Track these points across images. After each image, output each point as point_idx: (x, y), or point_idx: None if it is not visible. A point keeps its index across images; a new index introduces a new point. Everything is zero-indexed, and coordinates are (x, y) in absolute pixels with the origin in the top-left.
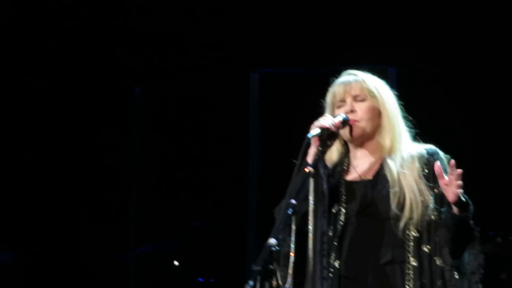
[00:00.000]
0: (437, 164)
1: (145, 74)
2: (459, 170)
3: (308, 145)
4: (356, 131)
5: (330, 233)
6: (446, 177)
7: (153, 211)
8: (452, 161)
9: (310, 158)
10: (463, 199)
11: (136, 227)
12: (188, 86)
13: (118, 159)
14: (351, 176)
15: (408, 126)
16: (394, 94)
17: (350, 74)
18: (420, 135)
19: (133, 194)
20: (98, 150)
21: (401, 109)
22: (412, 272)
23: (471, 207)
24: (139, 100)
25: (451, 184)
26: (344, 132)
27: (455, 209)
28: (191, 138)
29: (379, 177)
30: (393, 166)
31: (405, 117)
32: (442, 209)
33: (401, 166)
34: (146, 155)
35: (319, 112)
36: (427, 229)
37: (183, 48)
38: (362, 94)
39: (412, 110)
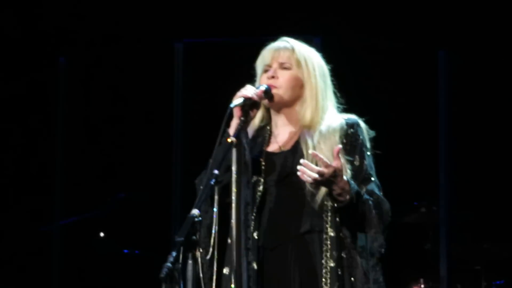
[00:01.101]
0: (338, 147)
1: (70, 45)
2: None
3: (231, 116)
4: (274, 98)
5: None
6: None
7: (78, 182)
8: (335, 149)
9: (232, 129)
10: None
11: (61, 199)
12: (113, 56)
13: (42, 129)
14: (272, 146)
15: (337, 102)
16: (328, 67)
17: (283, 40)
18: (345, 106)
19: (58, 166)
20: (22, 119)
21: (332, 82)
22: (329, 242)
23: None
24: (63, 70)
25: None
26: (264, 101)
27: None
28: (116, 109)
29: (298, 149)
30: (309, 141)
31: (334, 91)
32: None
33: (318, 141)
34: (70, 126)
35: (246, 80)
36: None
37: (108, 19)
38: (289, 62)
39: (337, 80)
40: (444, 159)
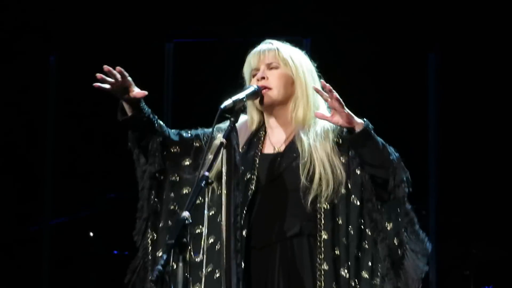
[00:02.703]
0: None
1: (60, 43)
2: (328, 86)
3: (221, 117)
4: (266, 99)
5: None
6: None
7: (68, 182)
8: (323, 82)
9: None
10: (357, 120)
11: (51, 199)
12: (103, 56)
13: (32, 128)
14: (267, 148)
15: None
16: (314, 65)
17: (266, 43)
18: None
19: (48, 165)
20: (11, 119)
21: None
22: (323, 245)
23: (367, 122)
24: (53, 69)
25: (335, 107)
26: (257, 102)
27: (350, 132)
28: (106, 109)
29: (291, 149)
30: (304, 138)
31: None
32: (343, 134)
33: (314, 139)
34: (60, 125)
35: (236, 82)
36: (342, 202)
37: (98, 18)
38: (275, 62)
39: (328, 81)
40: (434, 164)
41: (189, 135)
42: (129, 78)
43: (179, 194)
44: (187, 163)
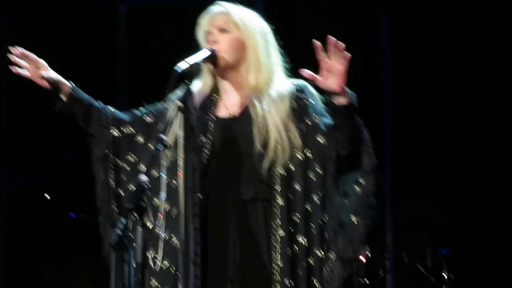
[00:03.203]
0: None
1: (13, 5)
2: (342, 45)
3: (176, 79)
4: (219, 62)
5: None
6: (326, 59)
7: (23, 145)
8: (332, 39)
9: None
10: (346, 90)
11: (6, 162)
12: (57, 18)
13: None
14: (221, 111)
15: (283, 62)
16: (271, 27)
17: (218, 4)
18: (292, 71)
19: (2, 128)
20: None
21: (278, 44)
22: (279, 211)
23: (354, 97)
24: (5, 30)
25: (333, 69)
26: (209, 65)
27: (337, 100)
28: (60, 72)
29: (245, 114)
30: (258, 105)
31: (280, 53)
32: (323, 97)
33: (269, 105)
34: (16, 87)
35: (190, 43)
36: (299, 168)
37: None
38: (226, 25)
39: (284, 44)
40: (388, 125)
41: (140, 112)
42: (42, 63)
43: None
44: (141, 140)
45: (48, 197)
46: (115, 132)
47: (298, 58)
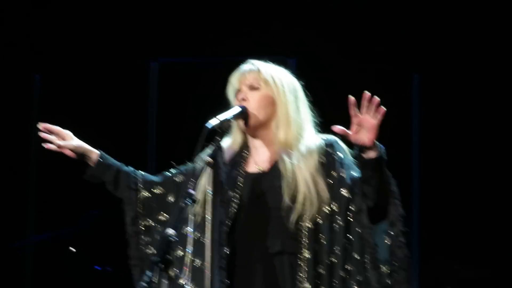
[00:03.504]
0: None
1: (45, 62)
2: (377, 99)
3: (207, 136)
4: (250, 121)
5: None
6: (358, 114)
7: (51, 198)
8: (367, 93)
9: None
10: (376, 143)
11: (33, 215)
12: (88, 75)
13: (15, 146)
14: (250, 167)
15: (313, 117)
16: (300, 84)
17: (248, 63)
18: (323, 126)
19: (31, 181)
20: None
21: (308, 99)
22: (306, 264)
23: (383, 150)
24: (37, 88)
25: (366, 123)
26: (240, 123)
27: (367, 154)
28: (92, 129)
29: (275, 169)
30: (287, 160)
31: (310, 109)
32: (353, 151)
33: (298, 159)
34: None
35: (221, 102)
36: (325, 222)
37: (83, 37)
38: (256, 83)
39: (315, 101)
40: (417, 181)
41: (170, 173)
42: (67, 134)
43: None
44: (172, 199)
45: (74, 250)
46: (145, 193)
47: (329, 113)
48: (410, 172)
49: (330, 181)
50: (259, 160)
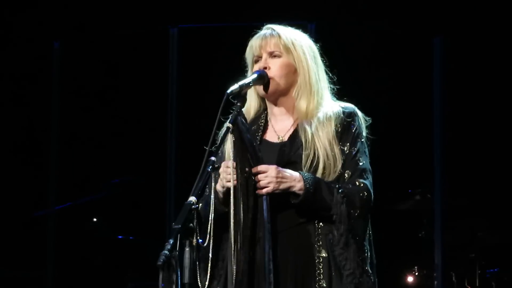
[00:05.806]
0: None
1: (64, 29)
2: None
3: (227, 101)
4: (270, 87)
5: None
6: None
7: (73, 168)
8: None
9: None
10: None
11: (55, 184)
12: (107, 42)
13: (37, 116)
14: (269, 135)
15: (330, 83)
16: (318, 49)
17: (268, 28)
18: (340, 92)
19: (52, 151)
20: (16, 108)
21: (324, 65)
22: (321, 232)
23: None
24: (57, 54)
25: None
26: (259, 89)
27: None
28: (111, 95)
29: (295, 139)
30: (308, 128)
31: (327, 74)
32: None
33: (316, 128)
34: (66, 112)
35: (240, 67)
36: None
37: (103, 4)
38: (277, 50)
39: (331, 66)
40: (439, 147)
41: None
42: None
43: None
44: None
45: (95, 220)
46: None
47: (342, 80)
48: (432, 143)
49: (345, 149)
50: (278, 128)
